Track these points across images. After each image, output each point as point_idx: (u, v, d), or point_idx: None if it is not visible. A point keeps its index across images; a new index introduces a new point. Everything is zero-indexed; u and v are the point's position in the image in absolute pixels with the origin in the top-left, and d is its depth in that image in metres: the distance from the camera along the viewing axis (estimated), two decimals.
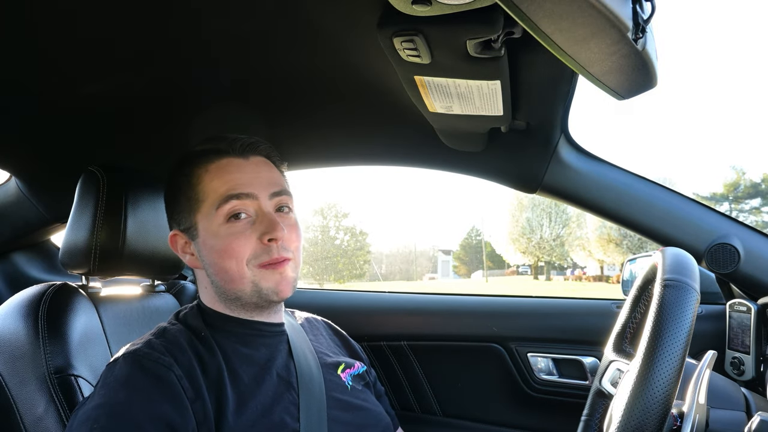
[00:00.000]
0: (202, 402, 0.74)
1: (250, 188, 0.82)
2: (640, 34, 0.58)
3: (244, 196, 0.82)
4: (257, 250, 0.81)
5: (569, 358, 1.40)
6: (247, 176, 0.83)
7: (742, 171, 32.42)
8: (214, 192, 0.82)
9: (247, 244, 0.80)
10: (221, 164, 0.84)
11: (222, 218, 0.81)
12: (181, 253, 0.88)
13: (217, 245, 0.81)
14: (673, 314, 0.58)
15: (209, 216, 0.82)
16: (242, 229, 0.81)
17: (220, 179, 0.83)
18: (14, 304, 0.94)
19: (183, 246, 0.87)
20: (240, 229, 0.81)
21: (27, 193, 1.37)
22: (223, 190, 0.81)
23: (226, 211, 0.81)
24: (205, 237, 0.83)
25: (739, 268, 1.11)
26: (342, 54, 0.88)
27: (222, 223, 0.81)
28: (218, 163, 0.84)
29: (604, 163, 1.21)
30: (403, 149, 1.32)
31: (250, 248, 0.80)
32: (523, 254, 32.95)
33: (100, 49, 0.85)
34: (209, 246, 0.83)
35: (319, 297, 1.67)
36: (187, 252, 0.87)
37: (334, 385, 0.89)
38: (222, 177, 0.83)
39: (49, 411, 0.86)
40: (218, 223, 0.81)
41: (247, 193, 0.82)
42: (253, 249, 0.81)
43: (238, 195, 0.81)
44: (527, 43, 0.70)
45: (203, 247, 0.84)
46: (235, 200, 0.81)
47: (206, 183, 0.83)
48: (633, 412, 0.56)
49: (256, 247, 0.81)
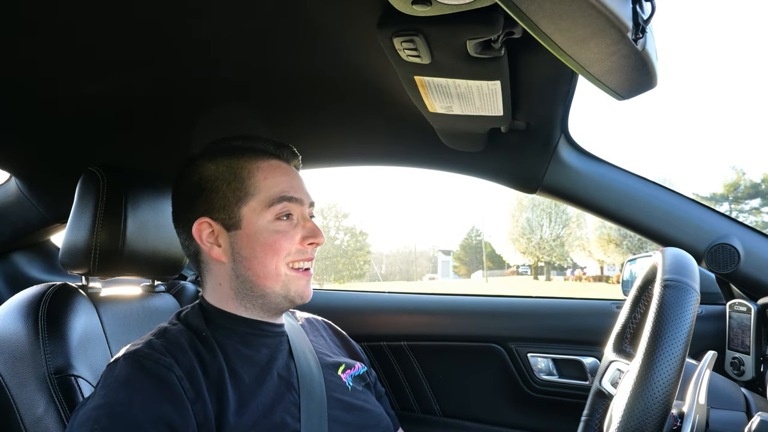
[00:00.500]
0: (202, 402, 0.74)
1: (299, 194, 0.88)
2: (640, 34, 0.58)
3: (295, 200, 0.87)
4: (294, 249, 0.86)
5: (569, 358, 1.40)
6: (295, 181, 0.89)
7: (742, 171, 32.43)
8: (267, 190, 0.85)
9: (290, 244, 0.85)
10: (273, 165, 0.88)
11: (272, 216, 0.85)
12: (204, 242, 0.85)
13: (263, 240, 0.84)
14: (673, 314, 0.58)
15: (258, 211, 0.84)
16: (288, 228, 0.86)
17: (273, 179, 0.86)
18: (14, 305, 0.94)
19: (209, 235, 0.86)
20: (286, 228, 0.86)
21: (27, 193, 1.37)
22: (278, 189, 0.85)
23: (278, 210, 0.85)
24: (250, 230, 0.84)
25: (739, 268, 1.11)
26: (342, 54, 0.89)
27: (272, 220, 0.85)
28: (270, 163, 0.88)
29: (604, 163, 1.21)
30: (403, 149, 1.32)
31: (292, 246, 0.85)
32: (523, 254, 32.96)
33: (100, 50, 0.85)
34: (254, 239, 0.84)
35: (319, 297, 1.67)
36: (214, 242, 0.85)
37: (334, 385, 0.89)
38: (275, 177, 0.87)
39: (49, 411, 0.86)
40: (268, 220, 0.85)
41: (297, 197, 0.87)
42: (293, 248, 0.85)
43: (291, 198, 0.86)
44: (527, 43, 0.70)
45: (244, 239, 0.84)
46: (287, 202, 0.86)
47: (259, 179, 0.86)
48: (633, 412, 0.56)
49: (297, 248, 0.86)
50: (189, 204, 0.88)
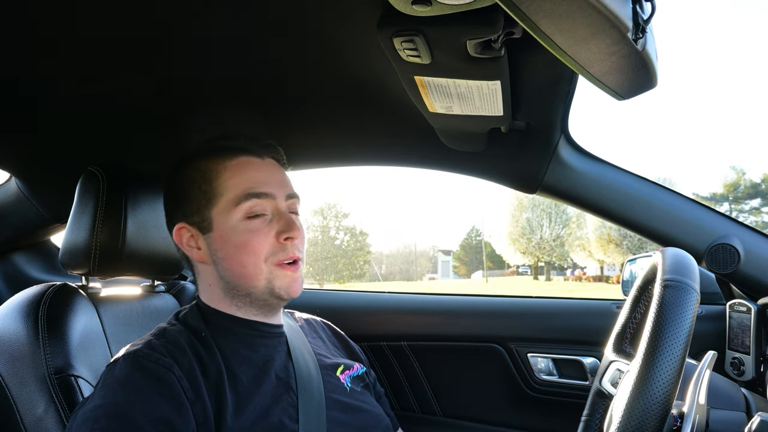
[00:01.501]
0: (202, 403, 0.74)
1: (268, 188, 0.85)
2: (640, 34, 0.58)
3: (264, 195, 0.84)
4: (274, 247, 0.83)
5: (569, 358, 1.40)
6: (264, 175, 0.86)
7: (742, 171, 32.45)
8: (233, 188, 0.84)
9: (265, 242, 0.83)
10: (240, 162, 0.86)
11: (241, 215, 0.83)
12: (186, 246, 0.87)
13: (236, 240, 0.82)
14: (673, 314, 0.58)
15: (227, 211, 0.83)
16: (260, 226, 0.83)
17: (239, 176, 0.84)
18: (14, 305, 0.94)
19: (189, 239, 0.87)
20: (258, 226, 0.83)
21: (27, 193, 1.37)
22: (244, 187, 0.83)
23: (245, 208, 0.83)
24: (221, 231, 0.84)
25: (739, 268, 1.11)
26: (342, 54, 0.88)
27: (241, 219, 0.83)
28: (237, 161, 0.86)
29: (604, 164, 1.21)
30: (403, 149, 1.31)
31: (268, 246, 0.83)
32: (523, 254, 32.96)
33: (100, 49, 0.85)
34: (226, 240, 0.83)
35: (319, 297, 1.67)
36: (194, 246, 0.87)
37: (333, 386, 0.89)
38: (242, 174, 0.84)
39: (49, 411, 0.86)
40: (237, 219, 0.83)
41: (266, 192, 0.84)
42: (270, 246, 0.83)
43: (258, 194, 0.83)
44: (527, 43, 0.70)
45: (218, 241, 0.84)
46: (255, 198, 0.83)
47: (225, 179, 0.84)
48: (633, 412, 0.56)
49: (273, 244, 0.83)
50: (170, 209, 0.90)
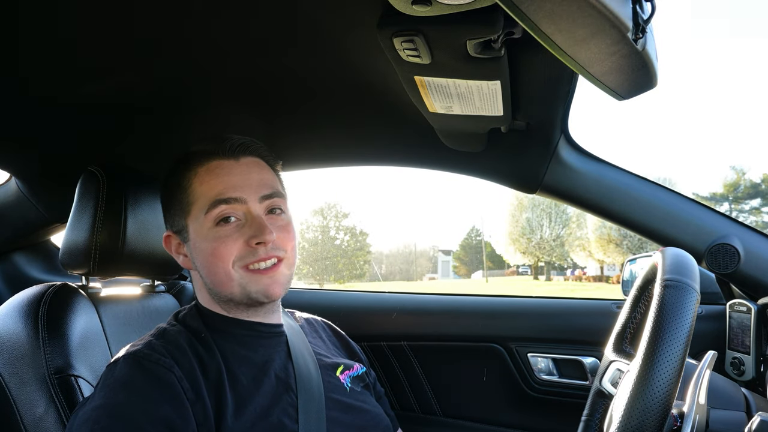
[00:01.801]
0: (202, 403, 0.74)
1: (239, 192, 0.82)
2: (640, 34, 0.58)
3: (233, 200, 0.81)
4: (243, 252, 0.81)
5: (569, 358, 1.40)
6: (236, 179, 0.83)
7: (742, 171, 32.44)
8: (203, 196, 0.82)
9: (233, 247, 0.80)
10: (210, 167, 0.84)
11: (211, 222, 0.81)
12: (174, 253, 0.89)
13: (206, 248, 0.82)
14: (673, 314, 0.58)
15: (198, 219, 0.83)
16: (230, 232, 0.81)
17: (208, 183, 0.83)
18: (14, 305, 0.94)
19: (176, 247, 0.89)
20: (228, 232, 0.81)
21: (27, 193, 1.37)
22: (212, 194, 0.81)
23: (214, 215, 0.81)
24: (195, 240, 0.84)
25: (739, 268, 1.11)
26: (342, 54, 0.88)
27: (211, 227, 0.81)
28: (207, 166, 0.84)
29: (604, 164, 1.21)
30: (403, 149, 1.31)
31: (236, 250, 0.81)
32: (523, 254, 32.95)
33: (100, 50, 0.85)
34: (199, 249, 0.83)
35: (319, 297, 1.67)
36: (180, 253, 0.89)
37: (332, 386, 0.89)
38: (210, 180, 0.83)
39: (49, 411, 0.86)
40: (207, 227, 0.82)
41: (235, 197, 0.82)
42: (238, 251, 0.81)
43: (227, 199, 0.81)
44: (527, 43, 0.70)
45: (194, 249, 0.85)
46: (223, 205, 0.81)
47: (195, 186, 0.83)
48: (633, 412, 0.56)
49: (242, 249, 0.81)
50: (163, 215, 0.91)
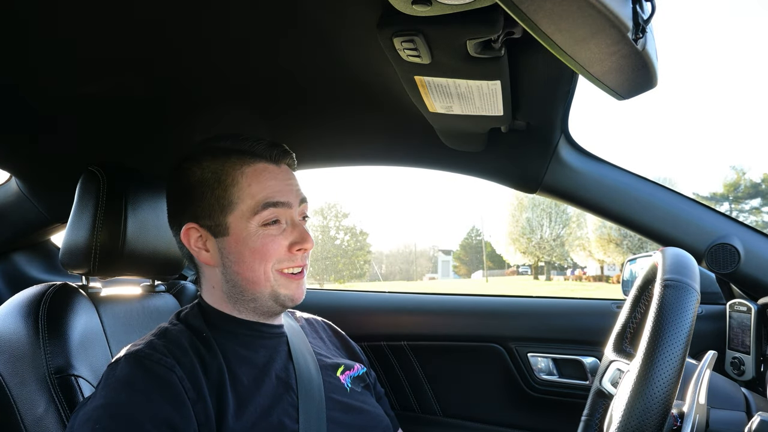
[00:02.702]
0: (203, 403, 0.74)
1: (286, 197, 0.85)
2: (640, 34, 0.58)
3: (281, 204, 0.85)
4: (282, 256, 0.84)
5: (569, 358, 1.40)
6: (281, 184, 0.86)
7: (742, 171, 32.44)
8: (252, 197, 0.83)
9: (278, 250, 0.84)
10: (257, 169, 0.85)
11: (258, 222, 0.83)
12: (193, 247, 0.86)
13: (252, 245, 0.83)
14: (674, 314, 0.58)
15: (245, 218, 0.83)
16: (275, 233, 0.84)
17: (258, 185, 0.84)
18: (14, 304, 0.94)
19: (197, 240, 0.86)
20: (275, 232, 0.84)
21: (27, 193, 1.37)
22: (262, 196, 0.84)
23: (264, 217, 0.83)
24: (238, 237, 0.83)
25: (739, 268, 1.11)
26: (342, 54, 0.88)
27: (258, 227, 0.83)
28: (254, 167, 0.85)
29: (604, 163, 1.21)
30: (403, 149, 1.31)
31: (279, 254, 0.84)
32: (523, 254, 32.95)
33: (100, 49, 0.85)
34: (242, 244, 0.83)
35: (319, 297, 1.67)
36: (202, 248, 0.86)
37: (333, 387, 0.89)
38: (261, 183, 0.84)
39: (50, 411, 0.86)
40: (254, 226, 0.83)
41: (283, 201, 0.85)
42: (281, 254, 0.84)
43: (276, 203, 0.84)
44: (527, 43, 0.70)
45: (231, 245, 0.84)
46: (273, 208, 0.84)
47: (244, 186, 0.84)
48: (633, 412, 0.56)
49: (283, 253, 0.84)
50: (178, 208, 0.88)
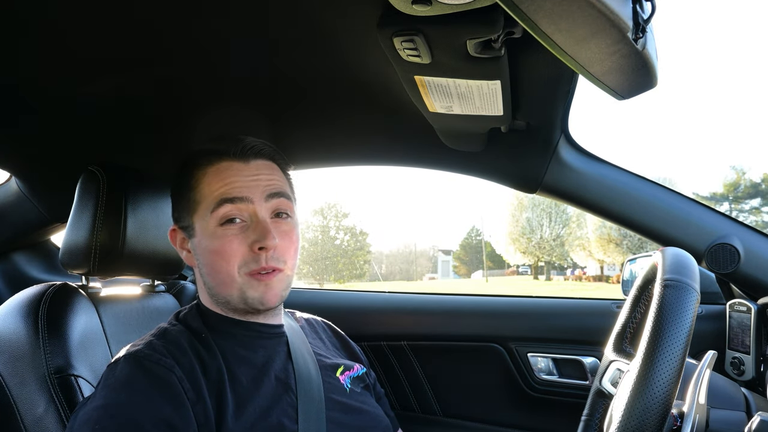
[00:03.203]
0: (203, 404, 0.74)
1: (245, 192, 0.82)
2: (640, 34, 0.58)
3: (239, 200, 0.82)
4: (247, 257, 0.81)
5: (569, 358, 1.40)
6: (244, 180, 0.83)
7: (742, 171, 32.45)
8: (210, 195, 0.83)
9: (239, 250, 0.81)
10: (220, 167, 0.84)
11: (216, 221, 0.82)
12: (179, 248, 0.90)
13: (211, 246, 0.82)
14: (673, 314, 0.58)
15: (204, 218, 0.83)
16: (236, 233, 0.81)
17: (216, 182, 0.83)
18: (14, 304, 0.94)
19: (181, 242, 0.90)
20: (233, 232, 0.81)
21: (27, 193, 1.37)
22: (218, 193, 0.82)
23: (220, 214, 0.81)
24: (200, 237, 0.84)
25: (739, 268, 1.11)
26: (342, 54, 0.88)
27: (216, 226, 0.82)
28: (217, 166, 0.84)
29: (604, 163, 1.21)
30: (403, 149, 1.31)
31: (241, 254, 0.81)
32: (523, 254, 32.95)
33: (100, 50, 0.85)
34: (203, 246, 0.84)
35: (319, 297, 1.67)
36: (184, 248, 0.89)
37: (332, 387, 0.89)
38: (219, 180, 0.83)
39: (49, 411, 0.86)
40: (213, 226, 0.82)
41: (241, 197, 0.82)
42: (243, 255, 0.81)
43: (233, 199, 0.81)
44: (527, 43, 0.70)
45: (198, 247, 0.85)
46: (229, 204, 0.81)
47: (204, 185, 0.84)
48: (633, 412, 0.56)
49: (246, 253, 0.81)
50: (172, 210, 0.91)
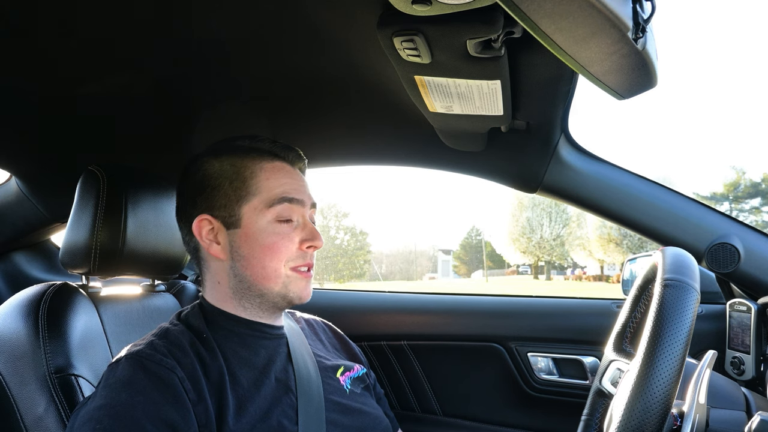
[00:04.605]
0: (204, 404, 0.74)
1: (301, 195, 0.88)
2: (640, 33, 0.58)
3: (297, 202, 0.87)
4: (294, 254, 0.86)
5: (569, 357, 1.40)
6: (297, 184, 0.89)
7: (742, 171, 32.48)
8: (269, 190, 0.85)
9: (290, 246, 0.85)
10: (276, 166, 0.88)
11: (272, 216, 0.85)
12: (204, 239, 0.86)
13: (263, 241, 0.84)
14: (674, 314, 0.58)
15: (258, 211, 0.84)
16: (287, 231, 0.85)
17: (276, 180, 0.86)
18: (14, 304, 0.94)
19: (208, 232, 0.86)
20: (286, 230, 0.85)
21: (27, 193, 1.37)
22: (279, 191, 0.86)
23: (278, 211, 0.85)
24: (249, 230, 0.84)
25: (739, 267, 1.11)
26: (342, 54, 0.89)
27: (271, 221, 0.85)
28: (274, 164, 0.88)
29: (605, 163, 1.21)
30: (403, 149, 1.32)
31: (292, 250, 0.85)
32: (523, 254, 32.96)
33: (100, 49, 0.85)
34: (253, 239, 0.84)
35: (319, 297, 1.67)
36: (213, 240, 0.86)
37: (332, 388, 0.89)
38: (278, 179, 0.87)
39: (50, 411, 0.86)
40: (267, 221, 0.84)
41: (299, 199, 0.87)
42: (291, 252, 0.85)
43: (292, 200, 0.86)
44: (527, 43, 0.70)
45: (243, 238, 0.84)
46: (288, 203, 0.86)
47: (262, 179, 0.86)
48: (633, 411, 0.56)
49: (294, 251, 0.86)
50: (192, 200, 0.88)
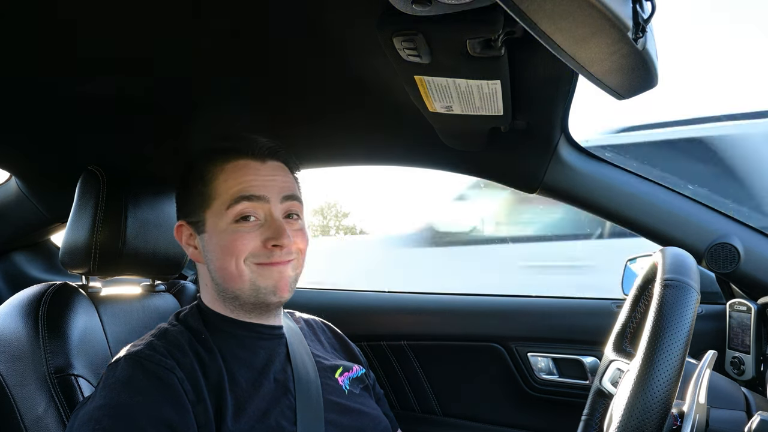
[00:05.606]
0: (203, 405, 0.74)
1: (262, 191, 0.83)
2: (640, 33, 0.57)
3: (256, 198, 0.82)
4: (257, 250, 0.82)
5: (569, 357, 1.40)
6: (261, 179, 0.84)
7: None
8: (226, 191, 0.83)
9: (249, 244, 0.81)
10: (238, 165, 0.85)
11: (231, 218, 0.82)
12: (185, 244, 0.89)
13: (221, 242, 0.82)
14: (674, 314, 0.58)
15: (219, 214, 0.83)
16: (249, 230, 0.82)
17: (234, 179, 0.83)
18: (14, 304, 0.94)
19: (188, 238, 0.88)
20: (247, 230, 0.82)
21: (27, 193, 1.36)
22: (236, 190, 0.82)
23: (236, 211, 0.82)
24: (211, 233, 0.84)
25: (739, 267, 1.11)
26: (342, 53, 0.88)
27: (230, 223, 0.82)
28: (235, 164, 0.85)
29: (605, 163, 1.21)
30: (403, 149, 1.31)
31: (251, 248, 0.81)
32: None
33: (100, 49, 0.85)
34: (214, 242, 0.83)
35: (319, 297, 1.66)
36: (191, 244, 0.88)
37: (331, 389, 0.89)
38: (236, 178, 0.83)
39: (50, 411, 0.86)
40: (227, 222, 0.82)
41: (259, 195, 0.83)
42: (253, 249, 0.81)
43: (250, 197, 0.82)
44: (527, 43, 0.70)
45: (208, 242, 0.85)
46: (246, 202, 0.82)
47: (220, 182, 0.84)
48: (633, 411, 0.56)
49: (257, 248, 0.82)
50: (177, 206, 0.91)
